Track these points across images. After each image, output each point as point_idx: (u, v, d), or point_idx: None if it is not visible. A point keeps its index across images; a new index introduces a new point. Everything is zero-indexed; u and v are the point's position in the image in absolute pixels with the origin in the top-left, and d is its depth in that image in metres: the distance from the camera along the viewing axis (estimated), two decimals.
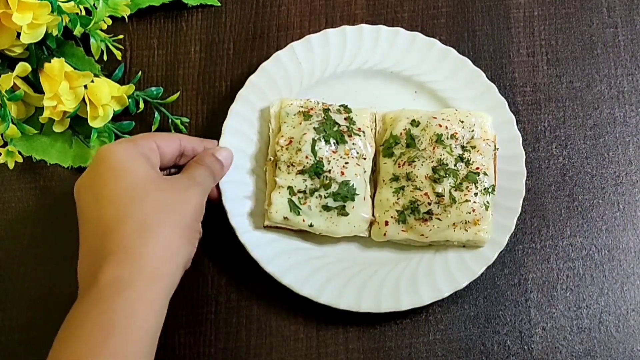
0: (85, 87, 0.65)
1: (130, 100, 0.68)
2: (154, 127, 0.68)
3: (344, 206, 0.62)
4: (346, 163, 0.63)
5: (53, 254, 0.66)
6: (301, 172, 0.62)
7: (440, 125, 0.64)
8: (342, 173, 0.62)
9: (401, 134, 0.64)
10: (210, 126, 0.70)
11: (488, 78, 0.69)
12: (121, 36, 0.71)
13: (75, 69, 0.66)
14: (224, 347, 0.63)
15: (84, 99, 0.64)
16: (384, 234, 0.63)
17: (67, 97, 0.64)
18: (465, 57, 0.69)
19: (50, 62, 0.64)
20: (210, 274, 0.65)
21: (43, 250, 0.67)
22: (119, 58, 0.70)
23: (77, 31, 0.66)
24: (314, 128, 0.63)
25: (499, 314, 0.65)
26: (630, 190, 0.69)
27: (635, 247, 0.67)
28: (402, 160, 0.63)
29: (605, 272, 0.66)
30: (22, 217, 0.68)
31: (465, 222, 0.62)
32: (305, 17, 0.74)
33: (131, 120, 0.68)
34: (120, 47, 0.70)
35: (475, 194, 0.62)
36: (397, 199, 0.63)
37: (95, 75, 0.66)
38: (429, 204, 0.62)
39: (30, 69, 0.65)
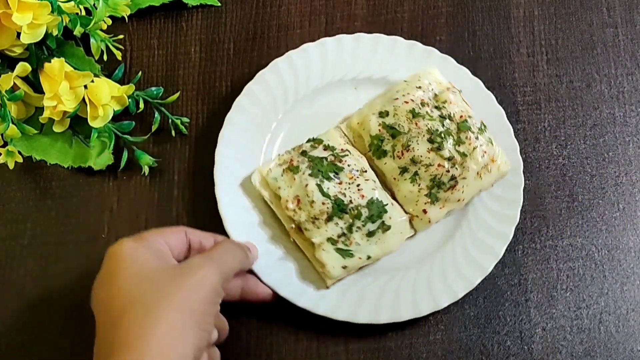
0: (85, 87, 0.65)
1: (130, 100, 0.68)
2: (154, 127, 0.68)
3: (383, 222, 0.61)
4: (357, 185, 0.62)
5: (53, 254, 0.66)
6: (329, 219, 0.61)
7: (407, 102, 0.64)
8: (362, 195, 0.61)
9: (380, 130, 0.64)
10: (210, 126, 0.70)
11: (488, 78, 0.69)
12: (121, 36, 0.71)
13: (75, 69, 0.66)
14: (224, 347, 0.63)
15: (84, 99, 0.64)
16: (429, 221, 0.63)
17: (67, 97, 0.64)
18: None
19: (50, 62, 0.64)
20: None
21: (43, 250, 0.67)
22: (119, 58, 0.70)
23: (77, 31, 0.66)
24: (309, 175, 0.62)
25: (499, 314, 0.65)
26: (630, 190, 0.69)
27: (635, 247, 0.67)
28: (398, 152, 0.63)
29: (605, 272, 0.66)
30: (22, 217, 0.68)
31: (485, 166, 0.63)
32: (305, 17, 0.74)
33: (131, 120, 0.68)
34: (120, 47, 0.70)
35: (477, 138, 0.63)
36: (419, 185, 0.63)
37: (95, 75, 0.66)
38: (448, 171, 0.62)
39: (30, 69, 0.65)
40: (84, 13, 0.67)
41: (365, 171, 0.64)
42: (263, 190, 0.64)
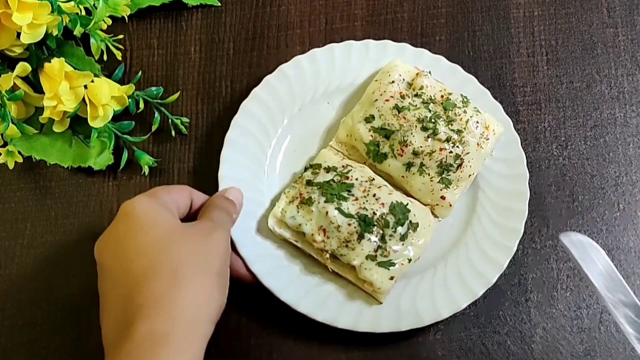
0: (85, 87, 0.65)
1: (130, 100, 0.68)
2: (154, 127, 0.68)
3: (410, 221, 0.61)
4: (373, 195, 0.61)
5: (53, 254, 0.66)
6: (360, 238, 0.60)
7: (387, 100, 0.64)
8: (382, 204, 0.61)
9: (372, 136, 0.64)
10: (210, 126, 0.70)
11: (488, 78, 0.69)
12: (121, 36, 0.71)
13: (75, 69, 0.66)
14: (224, 347, 0.63)
15: (84, 99, 0.64)
16: (450, 205, 0.64)
17: (67, 97, 0.64)
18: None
19: (50, 62, 0.64)
20: None
21: (43, 250, 0.67)
22: (119, 58, 0.70)
23: (77, 31, 0.66)
24: (325, 201, 0.61)
25: (499, 314, 0.65)
26: (630, 190, 0.69)
27: (635, 247, 0.67)
28: (397, 150, 0.63)
29: None
30: (22, 217, 0.68)
31: (482, 135, 0.63)
32: (305, 17, 0.74)
33: (131, 120, 0.68)
34: (120, 47, 0.70)
35: (465, 112, 0.63)
36: (429, 175, 0.63)
37: (95, 75, 0.66)
38: (450, 152, 0.62)
39: (30, 69, 0.65)
40: (84, 13, 0.67)
41: (373, 179, 0.63)
42: (284, 231, 0.63)
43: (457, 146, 0.63)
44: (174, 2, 0.72)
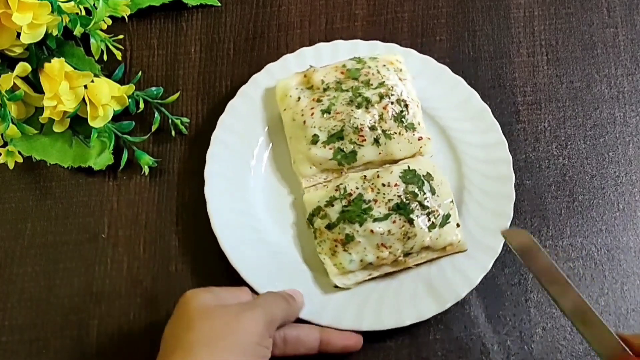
0: (85, 87, 0.65)
1: (130, 100, 0.68)
2: (154, 127, 0.68)
3: (422, 176, 0.62)
4: (382, 185, 0.61)
5: (53, 254, 0.66)
6: (410, 223, 0.60)
7: (312, 114, 0.64)
8: (396, 185, 0.61)
9: (330, 148, 0.64)
10: (210, 126, 0.69)
11: (488, 78, 0.69)
12: (121, 36, 0.71)
13: (75, 69, 0.66)
14: None
15: (84, 99, 0.64)
16: (428, 139, 0.66)
17: (67, 97, 0.64)
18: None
19: (50, 62, 0.64)
20: (210, 274, 0.65)
21: (43, 250, 0.67)
22: (119, 58, 0.70)
23: (77, 31, 0.66)
24: (359, 226, 0.60)
25: (499, 314, 0.65)
26: (630, 190, 0.69)
27: (635, 247, 0.67)
28: (358, 139, 0.63)
29: (605, 272, 0.66)
30: (22, 217, 0.68)
31: (395, 70, 0.66)
32: (305, 17, 0.74)
33: (131, 120, 0.68)
34: (120, 47, 0.70)
35: (369, 67, 0.65)
36: (396, 133, 0.64)
37: (95, 75, 0.66)
38: (392, 102, 0.64)
39: (30, 69, 0.65)
40: (84, 13, 0.67)
41: (365, 176, 0.63)
42: (355, 277, 0.62)
43: (392, 94, 0.64)
44: (174, 2, 0.73)
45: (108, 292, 0.65)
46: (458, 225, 0.62)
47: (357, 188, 0.62)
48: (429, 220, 0.61)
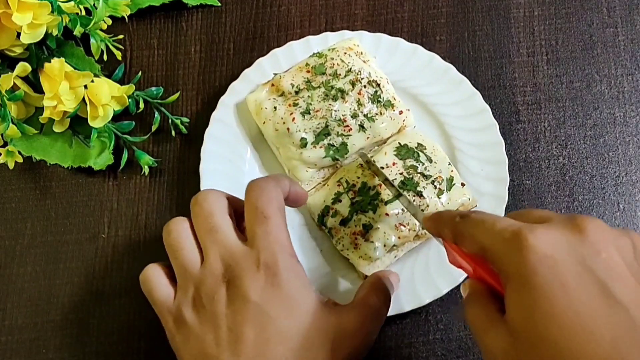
0: (85, 87, 0.65)
1: (130, 100, 0.68)
2: (154, 127, 0.68)
3: (418, 144, 0.64)
4: (381, 184, 0.62)
5: (53, 254, 0.67)
6: (420, 196, 0.61)
7: (293, 119, 0.64)
8: (394, 164, 0.62)
9: (321, 147, 0.64)
10: None
11: (488, 78, 0.69)
12: (121, 36, 0.71)
13: (75, 69, 0.66)
14: None
15: (84, 99, 0.64)
16: (408, 110, 0.66)
17: (67, 97, 0.64)
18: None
19: (50, 62, 0.64)
20: None
21: (43, 250, 0.67)
22: (119, 58, 0.70)
23: (77, 31, 0.66)
24: (373, 212, 0.61)
25: None
26: (630, 190, 0.69)
27: None
28: (344, 131, 0.64)
29: None
30: (22, 217, 0.68)
31: (357, 54, 0.66)
32: (305, 17, 0.74)
33: (131, 120, 0.68)
34: (120, 47, 0.70)
35: (332, 58, 0.66)
36: (377, 114, 0.64)
37: (95, 75, 0.66)
38: (364, 85, 0.64)
39: (30, 69, 0.65)
40: (84, 13, 0.67)
41: (362, 164, 0.64)
42: (384, 261, 0.62)
43: (361, 78, 0.64)
44: (174, 2, 0.73)
45: (108, 292, 0.65)
46: (463, 185, 0.63)
47: (358, 177, 0.63)
48: (435, 187, 0.62)
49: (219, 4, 0.74)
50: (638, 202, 0.68)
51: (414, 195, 0.61)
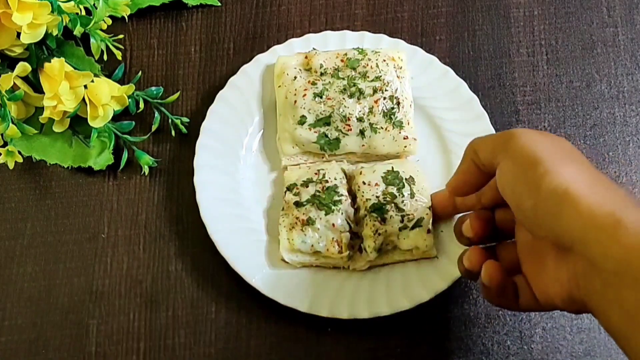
0: (85, 87, 0.65)
1: (130, 100, 0.68)
2: (154, 127, 0.69)
3: (405, 179, 0.63)
4: (363, 183, 0.63)
5: (53, 254, 0.67)
6: (382, 222, 0.61)
7: (304, 95, 0.64)
8: (377, 184, 0.62)
9: (315, 132, 0.64)
10: None
11: (488, 78, 0.69)
12: (121, 36, 0.71)
13: (75, 69, 0.66)
14: (224, 347, 0.63)
15: (84, 99, 0.64)
16: (415, 140, 0.65)
17: (67, 97, 0.64)
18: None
19: (50, 62, 0.64)
20: (210, 274, 0.65)
21: (43, 250, 0.67)
22: (119, 58, 0.70)
23: (77, 31, 0.66)
24: (325, 215, 0.61)
25: (499, 314, 0.65)
26: (630, 190, 0.69)
27: None
28: (344, 128, 0.64)
29: None
30: (22, 217, 0.68)
31: (394, 67, 0.66)
32: (305, 17, 0.74)
33: (131, 120, 0.68)
34: (120, 47, 0.70)
35: (369, 59, 0.66)
36: (383, 129, 0.64)
37: (95, 75, 0.66)
38: (384, 97, 0.64)
39: (30, 69, 0.65)
40: (84, 13, 0.67)
41: (346, 170, 0.64)
42: (301, 257, 0.62)
43: (385, 90, 0.64)
44: (174, 2, 0.73)
45: (108, 292, 0.65)
46: (429, 232, 0.61)
47: (335, 179, 0.63)
48: (402, 222, 0.61)
49: (219, 4, 0.74)
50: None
51: (375, 219, 0.61)
